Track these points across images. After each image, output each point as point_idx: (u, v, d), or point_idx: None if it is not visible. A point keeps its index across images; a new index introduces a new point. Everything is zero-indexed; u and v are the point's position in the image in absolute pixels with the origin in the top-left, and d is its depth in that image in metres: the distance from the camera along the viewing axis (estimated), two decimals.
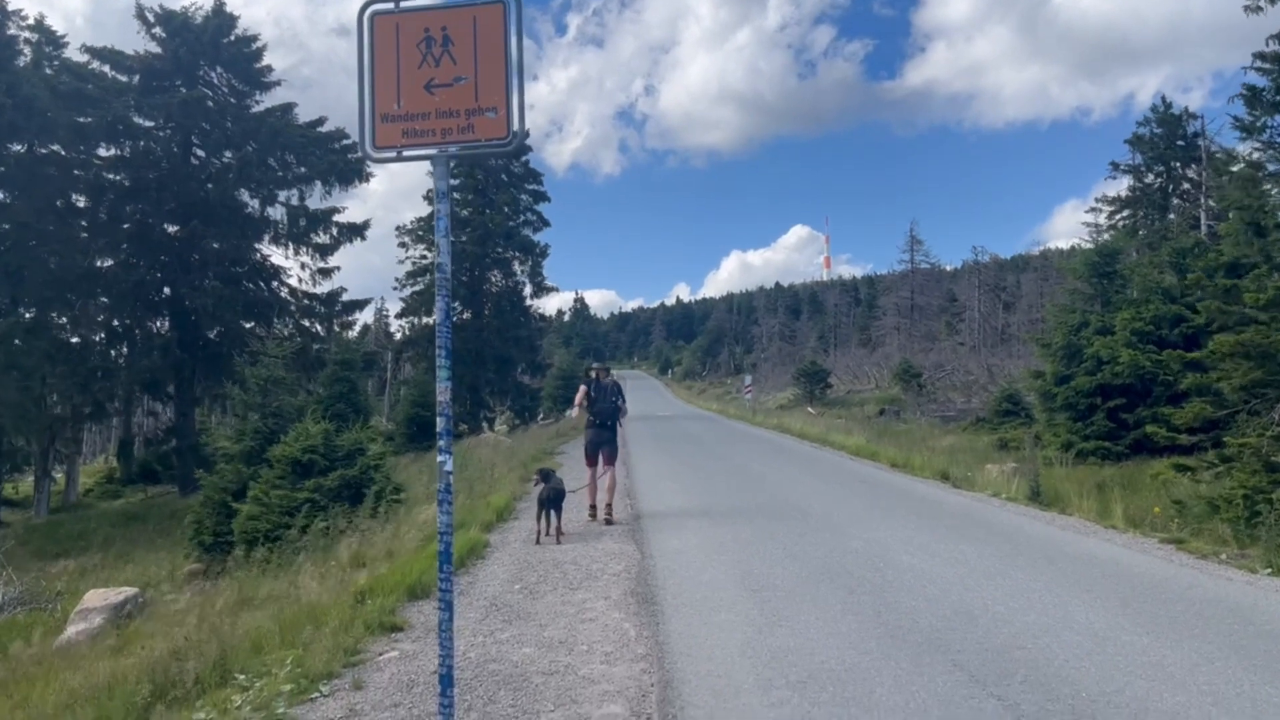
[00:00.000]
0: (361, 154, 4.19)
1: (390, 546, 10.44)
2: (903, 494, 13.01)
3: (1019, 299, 73.44)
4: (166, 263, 27.56)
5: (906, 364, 46.27)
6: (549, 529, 9.82)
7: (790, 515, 10.68)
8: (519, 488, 14.64)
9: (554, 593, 7.30)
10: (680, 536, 9.43)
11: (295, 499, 13.87)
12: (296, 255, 29.97)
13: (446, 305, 4.06)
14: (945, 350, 62.27)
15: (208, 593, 12.28)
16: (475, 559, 9.09)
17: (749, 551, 8.42)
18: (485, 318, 41.20)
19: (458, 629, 6.48)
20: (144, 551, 20.72)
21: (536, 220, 42.36)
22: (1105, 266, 21.57)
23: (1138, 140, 40.91)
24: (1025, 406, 29.16)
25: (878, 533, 9.31)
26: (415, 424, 32.28)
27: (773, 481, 14.65)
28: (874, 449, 20.30)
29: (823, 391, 44.74)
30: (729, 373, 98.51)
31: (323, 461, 14.48)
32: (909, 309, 77.35)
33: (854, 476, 15.61)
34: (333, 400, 22.72)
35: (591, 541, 9.53)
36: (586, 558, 8.67)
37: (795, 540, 8.93)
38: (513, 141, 4.05)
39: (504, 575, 8.19)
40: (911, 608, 6.14)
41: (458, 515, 11.70)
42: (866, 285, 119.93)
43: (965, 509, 11.39)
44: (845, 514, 10.76)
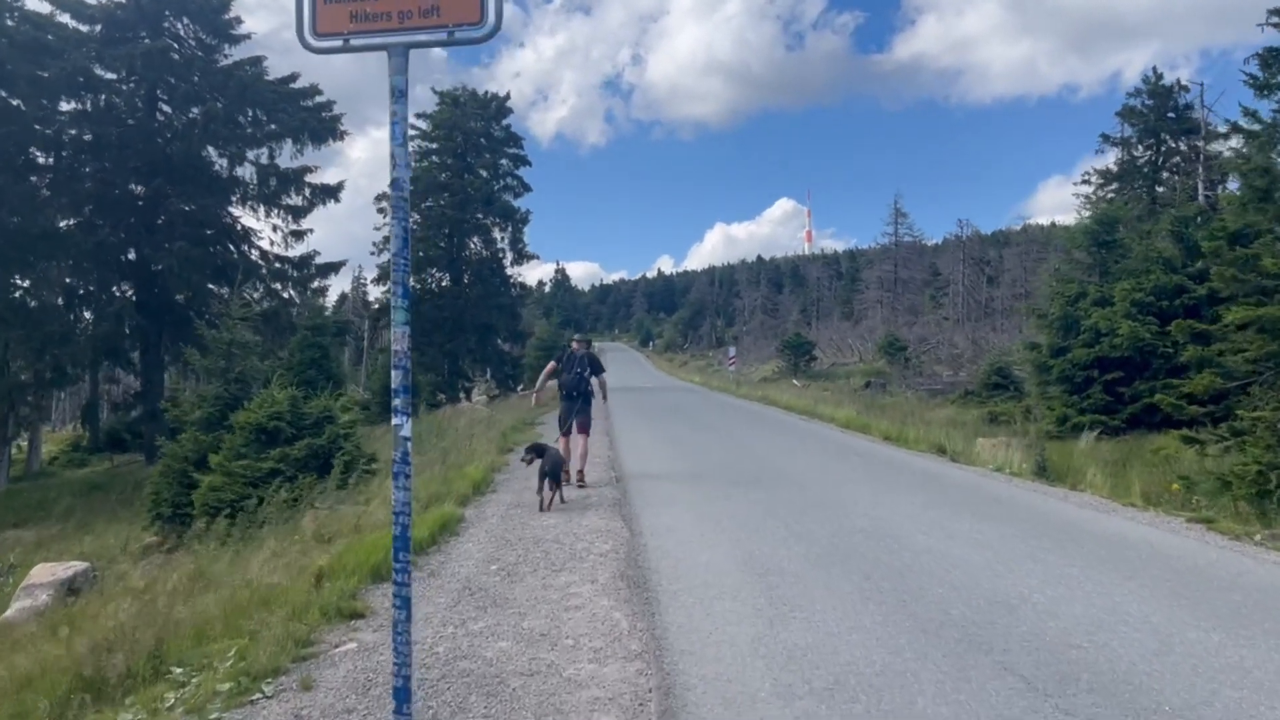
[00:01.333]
0: (301, 42, 3.36)
1: (359, 520, 9.66)
2: (901, 468, 12.36)
3: (1002, 273, 73.19)
4: (131, 223, 26.39)
5: (891, 337, 45.74)
6: (552, 498, 9.64)
7: (788, 490, 9.98)
8: (497, 459, 13.88)
9: (535, 575, 6.55)
10: (672, 513, 8.70)
11: (260, 469, 13.06)
12: (268, 217, 28.84)
13: (404, 231, 3.27)
14: (929, 324, 61.93)
15: (163, 568, 11.48)
16: (448, 535, 8.34)
17: (748, 530, 7.70)
18: (465, 284, 40.21)
19: (425, 616, 5.73)
20: (105, 522, 19.82)
21: (517, 185, 41.30)
22: (1104, 236, 20.92)
23: (1128, 112, 40.27)
24: (1015, 380, 28.69)
25: (884, 510, 8.63)
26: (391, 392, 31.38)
27: (764, 454, 13.96)
28: (865, 421, 19.67)
29: (807, 364, 44.13)
30: (710, 345, 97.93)
31: (289, 429, 13.65)
32: (892, 282, 76.85)
33: (848, 449, 14.96)
34: (304, 366, 21.83)
35: (575, 517, 8.80)
36: (570, 535, 7.93)
37: (797, 518, 8.23)
38: (486, 27, 3.24)
39: (480, 554, 7.44)
40: (939, 596, 5.44)
41: (432, 488, 10.93)
42: (848, 259, 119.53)
43: (971, 484, 10.74)
44: (847, 489, 10.08)
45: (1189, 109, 38.58)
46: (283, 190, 28.47)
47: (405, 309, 3.25)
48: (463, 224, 39.27)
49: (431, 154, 40.01)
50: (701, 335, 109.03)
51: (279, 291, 28.62)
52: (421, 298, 39.90)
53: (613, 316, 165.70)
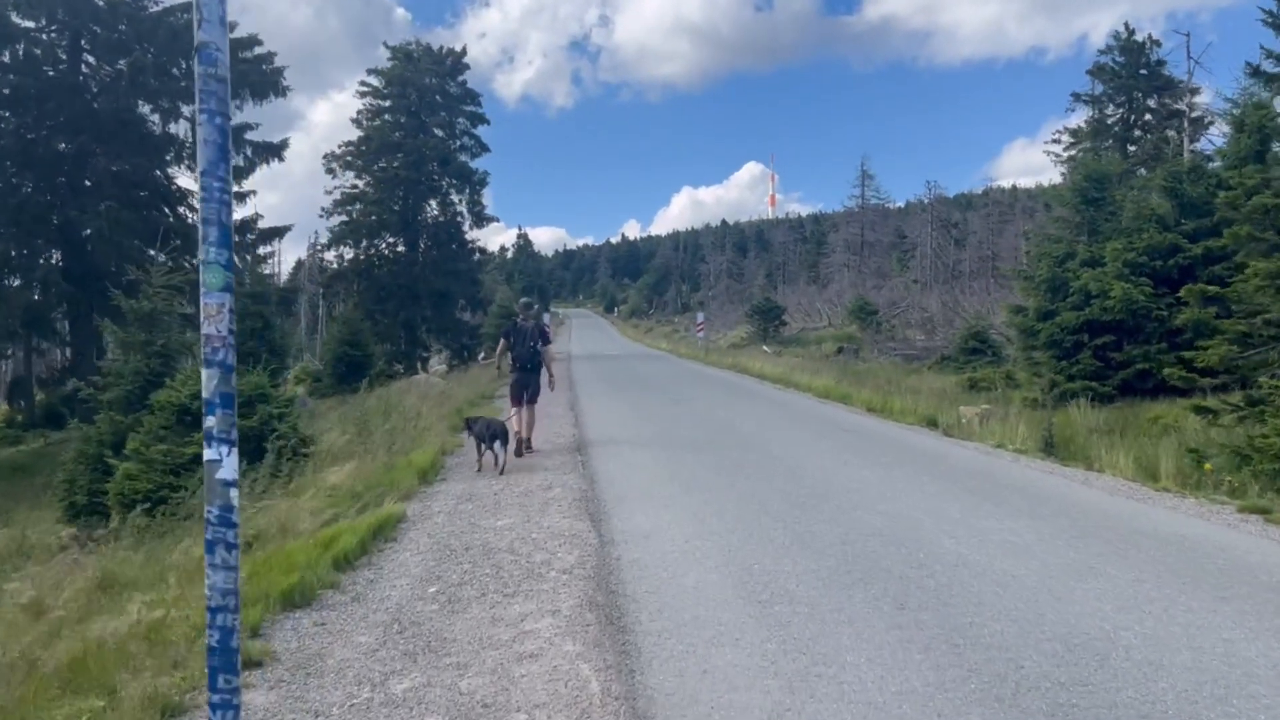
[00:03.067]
0: None
1: (286, 519, 8.33)
2: (897, 446, 11.20)
3: (968, 235, 72.64)
4: (58, 184, 24.41)
5: (861, 301, 44.74)
6: (496, 462, 9.98)
7: (780, 477, 8.76)
8: (449, 440, 12.53)
9: (482, 601, 5.27)
10: (648, 511, 7.44)
11: (182, 455, 11.60)
12: None
13: (222, 133, 1.93)
14: (898, 287, 61.07)
15: (71, 571, 10.04)
16: (384, 542, 7.02)
17: (741, 534, 6.46)
18: (421, 250, 38.46)
19: (337, 668, 4.41)
20: (26, 510, 18.16)
21: (475, 145, 39.46)
22: (1093, 193, 19.84)
23: (1099, 70, 39.34)
24: (993, 345, 27.80)
25: (895, 503, 7.43)
26: (344, 364, 29.79)
27: (745, 431, 12.74)
28: (844, 391, 18.56)
29: (777, 330, 42.97)
30: (676, 311, 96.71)
31: None
32: (859, 245, 75.92)
33: (834, 424, 13.80)
34: (243, 338, 20.20)
35: (534, 516, 7.50)
36: (527, 542, 6.64)
37: (796, 515, 7.01)
38: None
39: (418, 568, 6.14)
40: (999, 636, 4.24)
41: (371, 479, 9.58)
42: (813, 223, 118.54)
43: (979, 466, 9.60)
44: (845, 475, 8.87)
45: (1161, 65, 37.76)
46: None
47: (223, 264, 1.92)
48: (418, 186, 37.42)
49: (384, 112, 38.05)
50: (667, 301, 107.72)
51: None
52: (375, 264, 38.11)
53: (576, 282, 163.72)
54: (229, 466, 1.94)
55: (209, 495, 1.94)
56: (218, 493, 1.92)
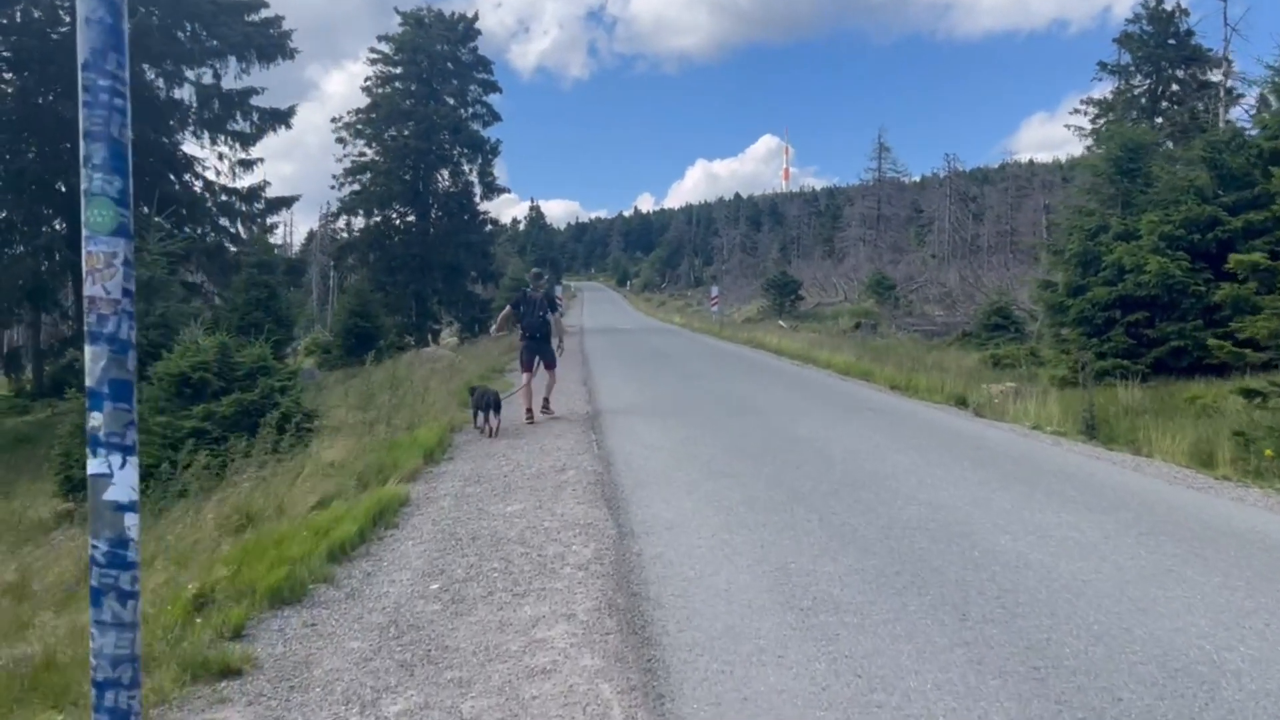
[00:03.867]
0: None
1: (285, 497, 7.84)
2: (928, 427, 10.61)
3: (986, 210, 71.56)
4: (61, 149, 23.86)
5: (879, 276, 43.94)
6: (489, 428, 10.68)
7: (809, 461, 8.19)
8: (457, 416, 11.99)
9: (489, 601, 4.74)
10: (669, 498, 6.89)
11: (181, 427, 11.10)
12: (213, 145, 26.39)
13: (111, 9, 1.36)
14: (915, 262, 60.14)
15: (63, 547, 9.59)
16: (385, 529, 6.50)
17: (773, 526, 5.90)
18: (432, 220, 37.87)
19: (325, 680, 3.90)
20: (28, 481, 17.78)
21: (486, 114, 38.75)
22: (1129, 163, 19.04)
23: (1127, 39, 38.25)
24: (1016, 321, 27.09)
25: (936, 491, 6.86)
26: (354, 335, 29.33)
27: (766, 410, 12.16)
28: (866, 368, 17.93)
29: (793, 304, 42.22)
30: (689, 284, 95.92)
31: (216, 382, 11.68)
32: (875, 219, 74.81)
33: (859, 402, 13.21)
34: (248, 308, 19.74)
35: (546, 502, 6.96)
36: (539, 531, 6.10)
37: (831, 505, 6.44)
38: None
39: (420, 560, 5.62)
40: (1085, 657, 3.67)
41: (373, 459, 9.06)
42: (828, 196, 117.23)
43: (1018, 450, 9.00)
44: (879, 460, 8.30)
45: (1190, 35, 36.71)
46: (227, 114, 25.98)
47: (114, 197, 1.35)
48: (428, 154, 36.78)
49: (394, 79, 37.34)
50: (680, 274, 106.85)
51: (226, 227, 26.26)
52: (386, 234, 37.57)
53: (589, 255, 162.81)
54: (123, 483, 1.39)
55: (94, 523, 1.39)
56: (107, 520, 1.37)
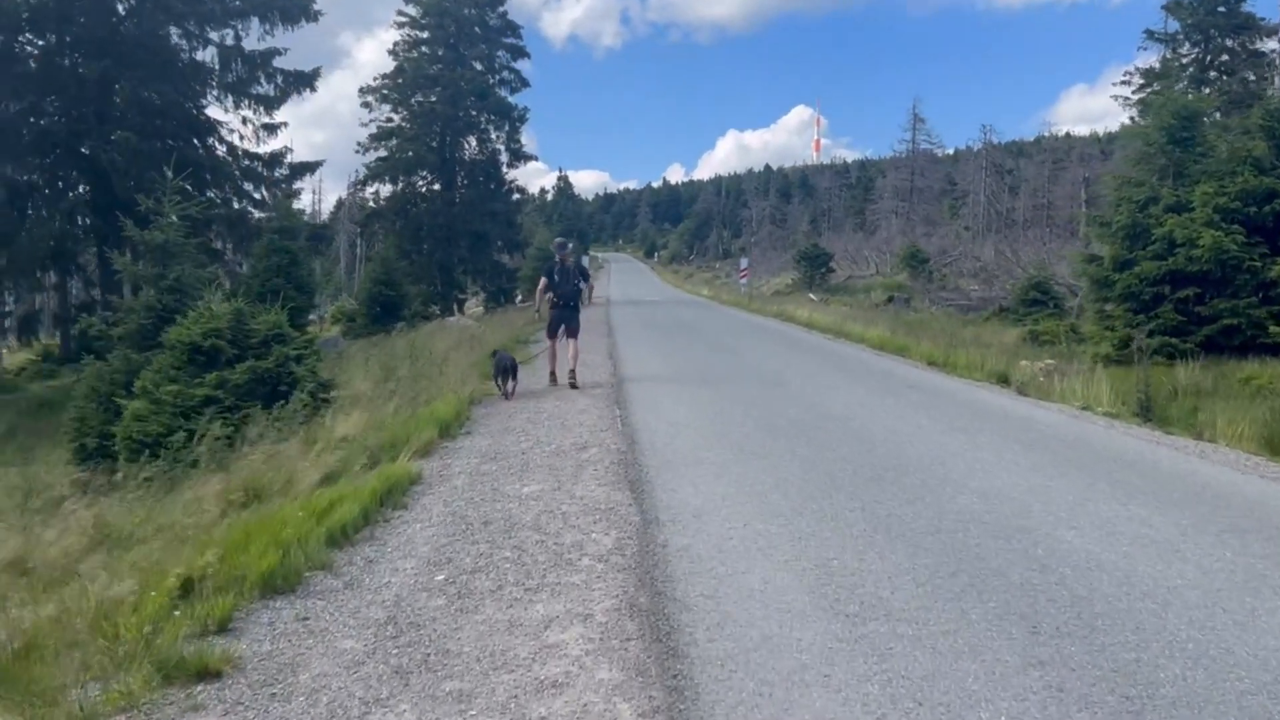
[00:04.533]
0: None
1: (292, 471, 7.46)
2: (971, 406, 10.03)
3: (1021, 183, 70.09)
4: (83, 112, 23.55)
5: (912, 249, 42.99)
6: (509, 390, 11.13)
7: (845, 442, 7.67)
8: (479, 387, 11.56)
9: (497, 596, 4.28)
10: (697, 481, 6.40)
11: (193, 396, 10.75)
12: (236, 109, 25.97)
13: None
14: (949, 235, 58.93)
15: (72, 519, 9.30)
16: (392, 510, 6.07)
17: (812, 517, 5.40)
18: (458, 189, 37.38)
19: (310, 687, 3.48)
20: (49, 447, 17.66)
21: (514, 80, 38.08)
22: (1182, 132, 18.14)
23: (1175, 6, 36.87)
24: (1055, 296, 26.25)
25: (988, 479, 6.31)
26: (378, 304, 29.06)
27: (799, 386, 11.63)
28: (902, 343, 17.30)
29: (824, 277, 41.41)
30: (717, 256, 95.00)
31: (230, 350, 11.30)
32: (908, 192, 73.41)
33: (896, 379, 12.63)
34: (268, 274, 19.36)
35: (566, 483, 6.49)
36: (557, 515, 5.64)
37: (873, 492, 5.93)
38: None
39: (427, 546, 5.18)
40: (1185, 686, 3.15)
41: (386, 433, 8.65)
42: (859, 169, 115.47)
43: (1071, 433, 8.41)
44: (923, 442, 7.75)
45: (1240, 2, 35.39)
46: (250, 77, 25.52)
47: None
48: (455, 121, 36.22)
49: (421, 44, 36.70)
50: (708, 246, 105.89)
51: (250, 192, 25.92)
52: (412, 202, 37.15)
53: (617, 226, 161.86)
54: None
55: None
56: None
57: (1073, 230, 56.12)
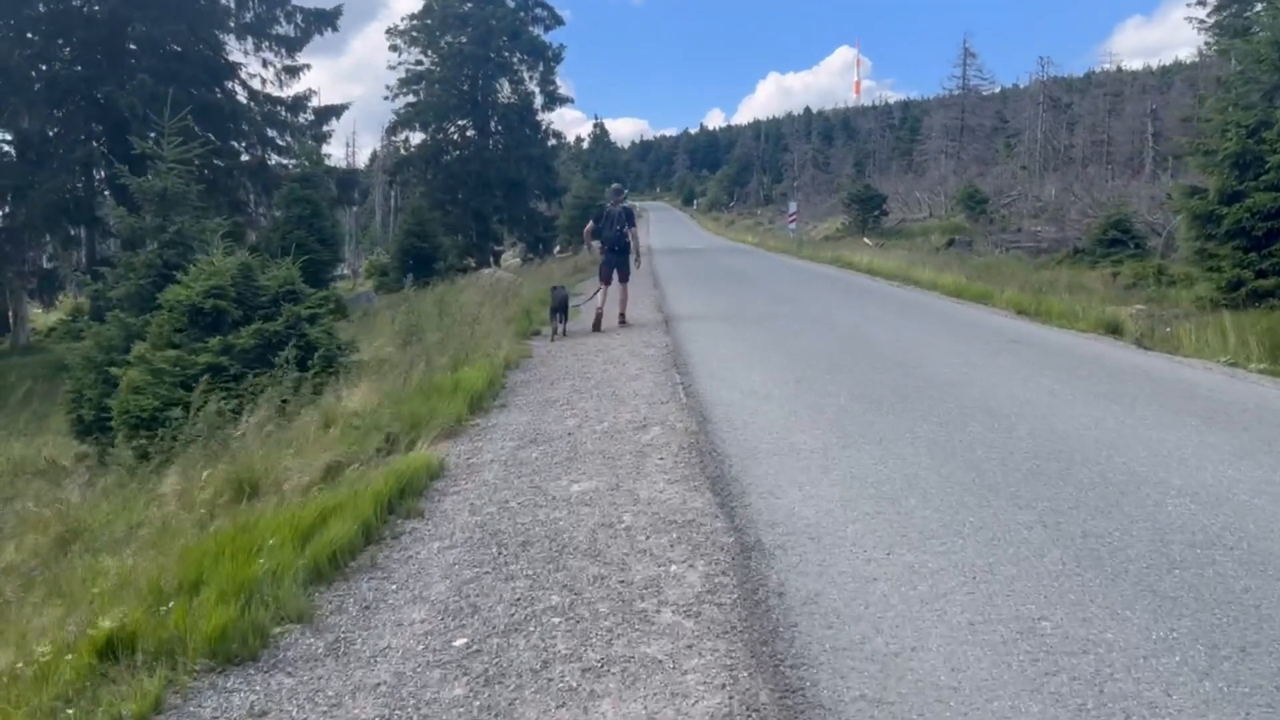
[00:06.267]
0: None
1: (292, 461, 6.11)
2: (1101, 366, 8.37)
3: (1078, 120, 66.80)
4: (95, 56, 22.22)
5: (970, 189, 40.63)
6: (561, 330, 11.55)
7: (972, 419, 6.09)
8: (515, 348, 10.13)
9: (541, 682, 2.86)
10: (800, 478, 4.88)
11: (194, 364, 9.46)
12: (257, 51, 24.53)
13: None
14: (1004, 174, 56.12)
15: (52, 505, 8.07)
16: (403, 520, 4.68)
17: (979, 538, 3.88)
18: (491, 133, 35.74)
19: None
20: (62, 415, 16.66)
21: (548, 16, 36.10)
22: None
23: None
24: (1137, 235, 24.16)
25: (1196, 474, 4.72)
26: (411, 256, 27.74)
27: (885, 342, 10.03)
28: (981, 289, 15.59)
29: (877, 220, 39.29)
30: (758, 203, 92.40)
31: (235, 311, 9.98)
32: (958, 131, 70.21)
33: (992, 332, 10.99)
34: (290, 226, 18.06)
35: (626, 478, 5.05)
36: (619, 533, 4.20)
37: (1043, 493, 4.39)
38: None
39: (444, 584, 3.78)
40: None
41: (404, 411, 7.25)
42: (902, 109, 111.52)
43: (1250, 401, 6.73)
44: (1070, 418, 6.14)
45: None
46: (269, 17, 24.03)
47: None
48: (487, 62, 34.47)
49: None
50: (749, 193, 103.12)
51: (273, 139, 24.53)
52: (444, 149, 35.61)
53: (653, 174, 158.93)
54: None
55: None
56: None
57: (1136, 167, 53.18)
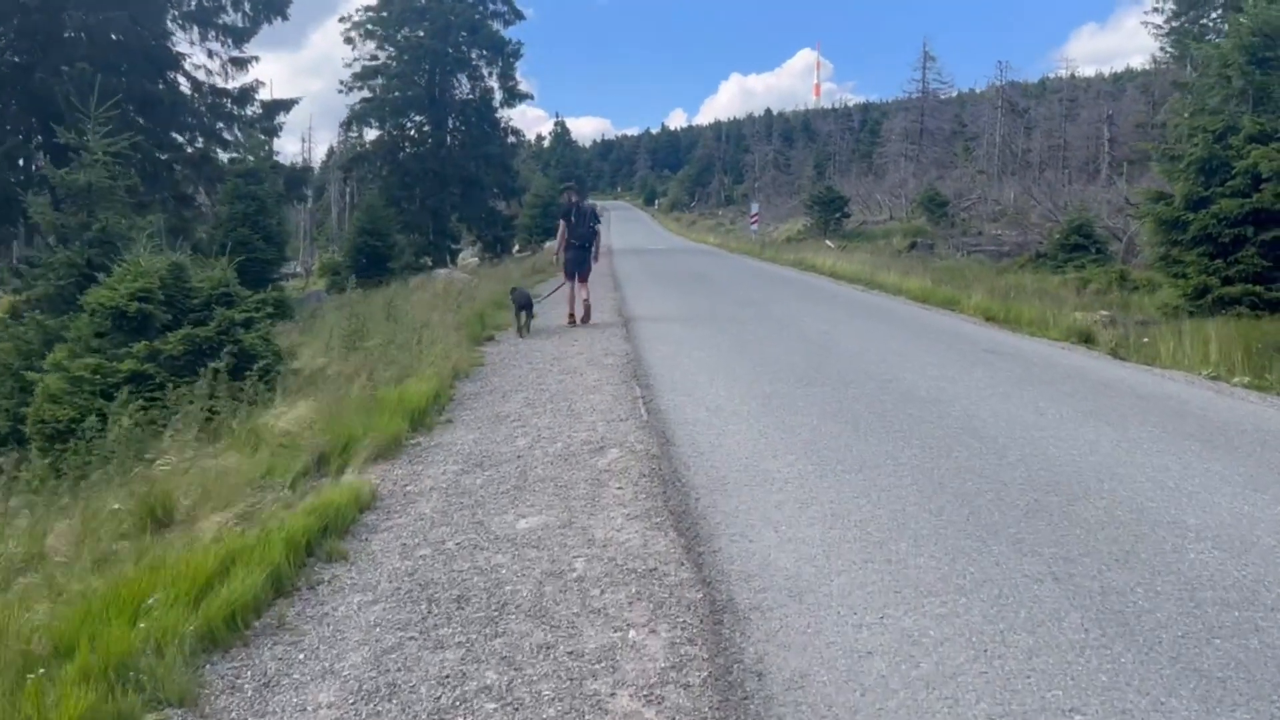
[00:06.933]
0: None
1: (207, 483, 5.47)
2: (1083, 380, 7.95)
3: (1035, 125, 67.52)
4: (31, 44, 21.11)
5: (932, 192, 40.62)
6: (524, 325, 11.49)
7: (960, 441, 5.60)
8: (465, 356, 9.50)
9: None
10: (775, 515, 4.34)
11: (116, 371, 8.73)
12: (203, 41, 23.51)
13: None
14: (963, 178, 56.38)
15: None
16: (324, 564, 4.07)
17: (981, 593, 3.37)
18: (449, 130, 34.89)
19: None
20: None
21: (508, 11, 35.25)
22: (1265, 51, 15.86)
23: None
24: (1098, 240, 24.10)
25: (1212, 512, 4.27)
26: (364, 254, 26.90)
27: (855, 352, 9.56)
28: (948, 295, 15.24)
29: (839, 223, 39.05)
30: (720, 203, 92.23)
31: (163, 314, 9.26)
32: (918, 134, 70.45)
33: (962, 339, 10.59)
34: (233, 223, 17.20)
35: (580, 512, 4.47)
36: (569, 584, 3.63)
37: (1049, 537, 3.90)
38: None
39: (362, 653, 3.18)
40: None
41: (334, 432, 6.60)
42: (862, 112, 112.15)
43: (1248, 420, 6.34)
44: (1063, 440, 5.67)
45: None
46: (215, 6, 23.03)
47: None
48: (444, 57, 33.59)
49: None
50: (709, 193, 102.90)
51: (219, 132, 23.52)
52: (400, 145, 34.72)
53: (615, 174, 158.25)
54: None
55: None
56: None
57: (1092, 172, 53.70)
